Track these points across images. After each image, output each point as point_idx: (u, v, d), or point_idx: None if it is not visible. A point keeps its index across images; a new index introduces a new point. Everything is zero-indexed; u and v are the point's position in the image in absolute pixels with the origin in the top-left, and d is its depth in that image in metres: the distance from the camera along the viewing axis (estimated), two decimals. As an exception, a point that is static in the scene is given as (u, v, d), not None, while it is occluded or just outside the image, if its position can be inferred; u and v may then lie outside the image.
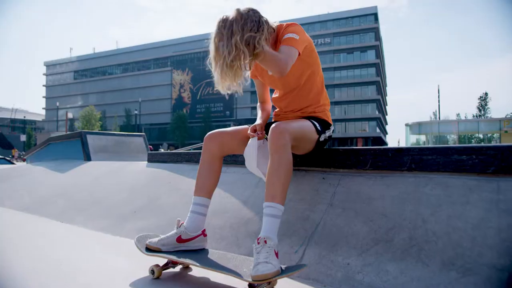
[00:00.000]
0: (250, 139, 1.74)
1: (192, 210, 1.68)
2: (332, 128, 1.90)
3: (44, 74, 77.01)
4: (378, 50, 53.86)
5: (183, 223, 1.65)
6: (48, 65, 77.02)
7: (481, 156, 1.45)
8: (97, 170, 4.13)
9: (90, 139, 5.39)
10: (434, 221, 1.41)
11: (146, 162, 3.62)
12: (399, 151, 1.66)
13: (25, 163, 9.57)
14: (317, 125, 1.77)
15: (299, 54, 1.62)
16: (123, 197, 2.96)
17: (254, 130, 1.76)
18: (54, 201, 3.33)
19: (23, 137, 45.92)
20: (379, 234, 1.48)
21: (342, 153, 1.88)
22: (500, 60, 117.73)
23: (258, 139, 1.72)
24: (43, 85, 76.57)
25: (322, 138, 1.80)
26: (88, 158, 5.15)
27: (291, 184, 1.95)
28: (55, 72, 75.82)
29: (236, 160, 2.48)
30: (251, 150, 1.70)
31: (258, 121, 1.87)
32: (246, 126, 1.86)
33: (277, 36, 1.75)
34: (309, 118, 1.81)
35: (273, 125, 1.54)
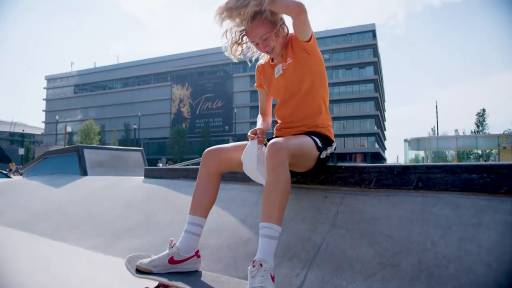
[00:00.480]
0: (249, 142, 1.66)
1: (186, 230, 1.60)
2: (334, 145, 1.83)
3: (44, 88, 77.30)
4: (376, 66, 54.32)
5: (176, 243, 1.57)
6: (49, 79, 77.40)
7: (492, 175, 1.38)
8: (93, 185, 4.04)
9: (87, 153, 5.31)
10: (444, 244, 1.32)
11: (143, 177, 3.54)
12: (405, 169, 1.59)
13: (21, 177, 9.46)
14: (318, 141, 1.70)
15: (310, 39, 1.66)
16: (118, 213, 2.87)
17: (255, 133, 1.69)
18: (47, 217, 3.23)
19: (21, 151, 45.73)
20: (385, 258, 1.39)
21: (344, 170, 1.80)
22: (497, 77, 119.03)
23: (258, 142, 1.64)
24: (43, 99, 76.79)
25: (323, 155, 1.73)
26: (84, 172, 5.06)
27: (291, 203, 1.87)
28: (56, 86, 76.15)
29: (235, 176, 2.40)
30: (250, 152, 1.61)
31: (259, 127, 1.80)
32: (246, 142, 1.80)
33: (290, 40, 1.77)
34: (310, 133, 1.75)
35: (270, 142, 1.47)
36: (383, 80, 72.46)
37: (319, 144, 1.69)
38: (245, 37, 1.77)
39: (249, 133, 1.70)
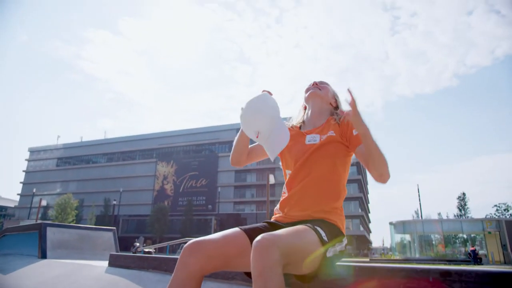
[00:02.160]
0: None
1: None
2: (345, 241, 1.46)
3: (26, 160, 75.92)
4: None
5: None
6: (33, 151, 76.47)
7: None
8: (48, 271, 3.44)
9: (50, 232, 4.72)
10: None
11: (107, 265, 3.01)
12: (445, 275, 1.20)
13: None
14: (322, 233, 1.33)
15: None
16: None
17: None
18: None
19: (-14, 224, 42.97)
20: None
21: (358, 271, 1.40)
22: (473, 161, 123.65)
23: None
24: (23, 171, 74.93)
25: (330, 253, 1.35)
26: (43, 255, 4.43)
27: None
28: (38, 158, 74.99)
29: (216, 274, 1.93)
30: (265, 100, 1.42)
31: None
32: (237, 229, 1.41)
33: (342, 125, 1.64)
34: (315, 222, 1.38)
35: (257, 238, 1.12)
36: (366, 163, 73.91)
37: (324, 238, 1.32)
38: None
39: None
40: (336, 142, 1.59)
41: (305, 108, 1.87)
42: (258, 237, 1.12)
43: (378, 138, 1.42)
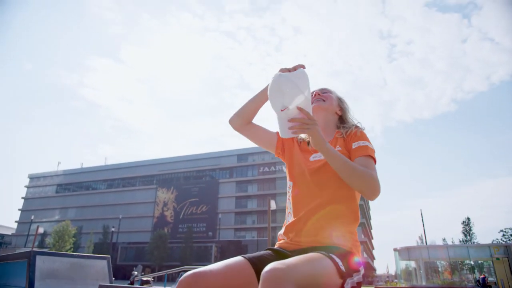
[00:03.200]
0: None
1: None
2: (362, 270, 1.25)
3: (25, 186, 75.43)
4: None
5: None
6: (32, 177, 76.12)
7: None
8: (33, 304, 3.18)
9: (40, 260, 4.45)
10: None
11: (96, 297, 2.75)
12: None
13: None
14: (339, 261, 1.14)
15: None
16: None
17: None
18: None
19: (-16, 253, 42.08)
20: None
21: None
22: (477, 185, 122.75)
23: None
24: (22, 197, 74.30)
25: (348, 285, 1.15)
26: (31, 285, 4.15)
27: None
28: (38, 185, 74.55)
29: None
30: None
31: None
32: (241, 258, 1.21)
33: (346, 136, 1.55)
34: (326, 248, 1.18)
35: (266, 268, 0.94)
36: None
37: (342, 267, 1.13)
38: None
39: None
40: (348, 155, 1.46)
41: None
42: (268, 267, 0.95)
43: (379, 160, 1.29)
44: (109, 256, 5.55)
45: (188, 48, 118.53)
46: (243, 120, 1.61)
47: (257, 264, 1.19)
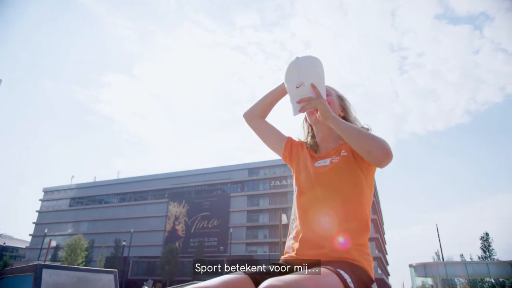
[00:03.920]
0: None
1: None
2: (375, 287, 1.15)
3: (40, 200, 76.44)
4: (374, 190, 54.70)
5: None
6: (47, 191, 77.15)
7: None
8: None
9: (46, 274, 4.39)
10: None
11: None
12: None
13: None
14: (347, 278, 1.04)
15: None
16: None
17: None
18: None
19: (-2, 266, 42.44)
20: None
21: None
22: (493, 200, 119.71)
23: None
24: (36, 211, 75.22)
25: None
26: (36, 300, 4.09)
27: None
28: (52, 198, 75.46)
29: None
30: None
31: None
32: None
33: None
34: (334, 263, 1.08)
35: (263, 284, 0.89)
36: (380, 203, 72.27)
37: (350, 284, 1.02)
38: None
39: None
40: (349, 162, 1.36)
41: (306, 120, 1.66)
42: (264, 284, 0.88)
43: (393, 174, 1.17)
44: (116, 270, 5.47)
45: (200, 63, 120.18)
46: (257, 113, 1.62)
47: (259, 280, 1.09)
